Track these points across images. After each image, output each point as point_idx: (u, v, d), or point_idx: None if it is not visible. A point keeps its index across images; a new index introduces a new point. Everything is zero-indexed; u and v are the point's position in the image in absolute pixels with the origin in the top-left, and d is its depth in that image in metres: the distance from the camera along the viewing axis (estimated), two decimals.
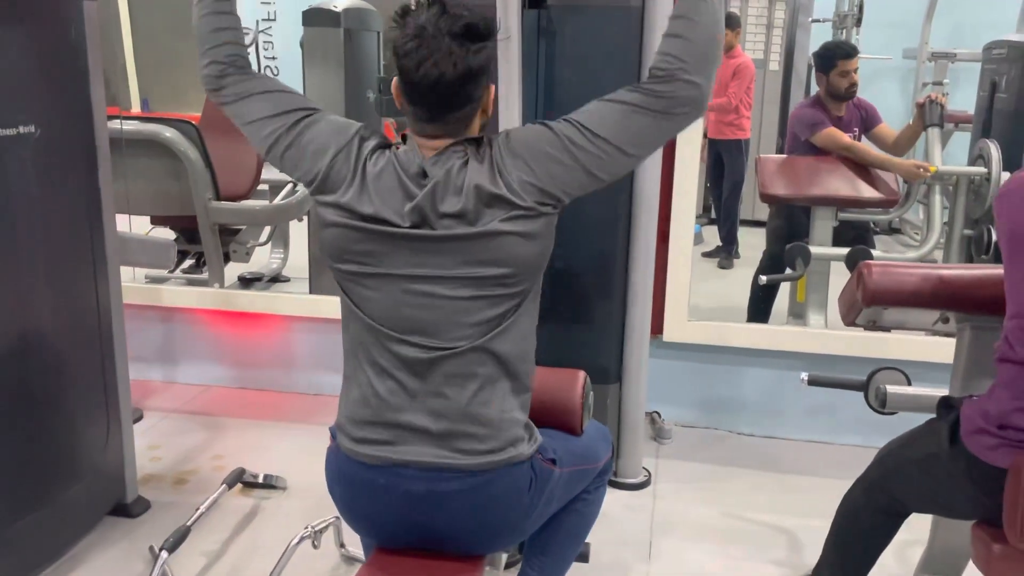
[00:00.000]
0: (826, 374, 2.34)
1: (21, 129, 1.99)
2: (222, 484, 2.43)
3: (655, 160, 2.42)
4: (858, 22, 5.78)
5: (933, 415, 1.64)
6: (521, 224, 1.36)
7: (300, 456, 2.79)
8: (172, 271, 3.84)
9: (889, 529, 1.74)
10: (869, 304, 1.67)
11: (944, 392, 1.91)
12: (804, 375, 2.31)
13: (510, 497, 1.45)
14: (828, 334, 2.92)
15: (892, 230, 5.33)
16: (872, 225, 3.80)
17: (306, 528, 2.13)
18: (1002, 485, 1.40)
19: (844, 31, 5.83)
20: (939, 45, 6.03)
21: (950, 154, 5.54)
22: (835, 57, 3.45)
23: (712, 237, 5.00)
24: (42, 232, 2.10)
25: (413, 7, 1.36)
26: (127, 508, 2.44)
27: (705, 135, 5.31)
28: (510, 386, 1.43)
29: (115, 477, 2.43)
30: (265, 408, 3.21)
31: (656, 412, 3.02)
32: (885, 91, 6.28)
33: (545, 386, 1.64)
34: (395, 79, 1.39)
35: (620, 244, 2.48)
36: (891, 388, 1.95)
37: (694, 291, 2.92)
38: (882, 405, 1.98)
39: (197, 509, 2.29)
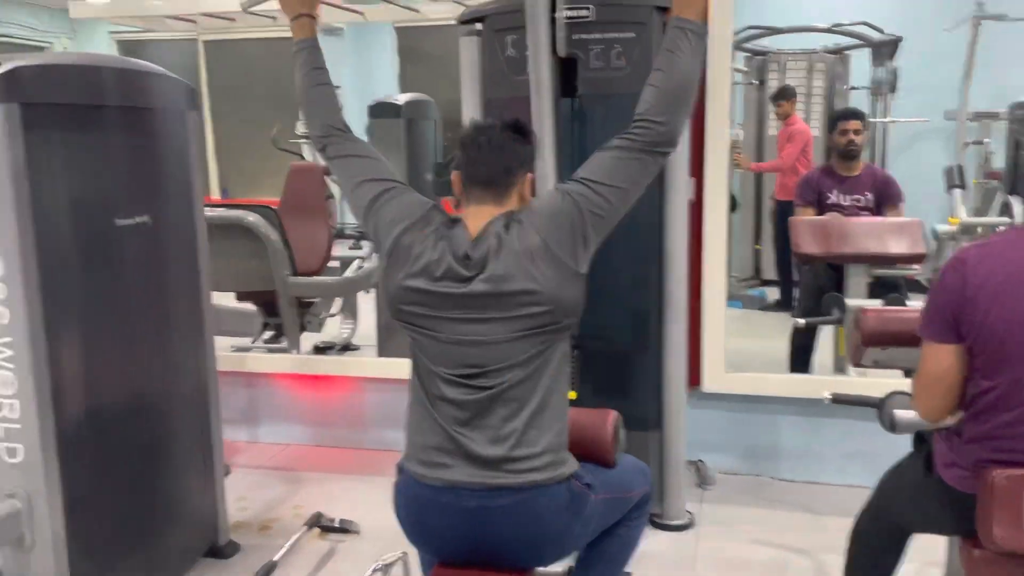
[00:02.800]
0: (848, 393, 2.52)
1: (137, 219, 2.38)
2: (303, 525, 2.72)
3: (680, 224, 2.68)
4: (892, 88, 6.01)
5: None
6: (558, 271, 1.65)
7: (371, 504, 3.05)
8: (255, 341, 4.22)
9: (897, 549, 1.91)
10: (867, 344, 1.89)
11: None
12: (827, 393, 2.51)
13: (551, 513, 1.70)
14: (857, 381, 3.08)
15: (924, 287, 5.44)
16: (904, 282, 3.97)
17: (377, 563, 2.38)
18: (974, 505, 1.60)
19: (880, 97, 6.06)
20: (983, 106, 6.16)
21: (994, 211, 5.65)
22: (837, 119, 3.79)
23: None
24: (153, 306, 2.47)
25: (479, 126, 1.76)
26: (220, 550, 2.74)
27: (773, 196, 5.62)
28: (551, 413, 1.70)
29: (210, 523, 2.74)
30: (339, 463, 3.51)
31: (700, 460, 3.21)
32: (926, 152, 6.42)
33: (579, 424, 1.89)
34: (455, 173, 1.76)
35: (654, 302, 2.74)
36: (899, 412, 2.15)
37: (759, 344, 3.12)
38: (891, 427, 2.17)
39: (282, 547, 2.57)
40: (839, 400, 2.56)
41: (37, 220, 2.04)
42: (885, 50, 5.95)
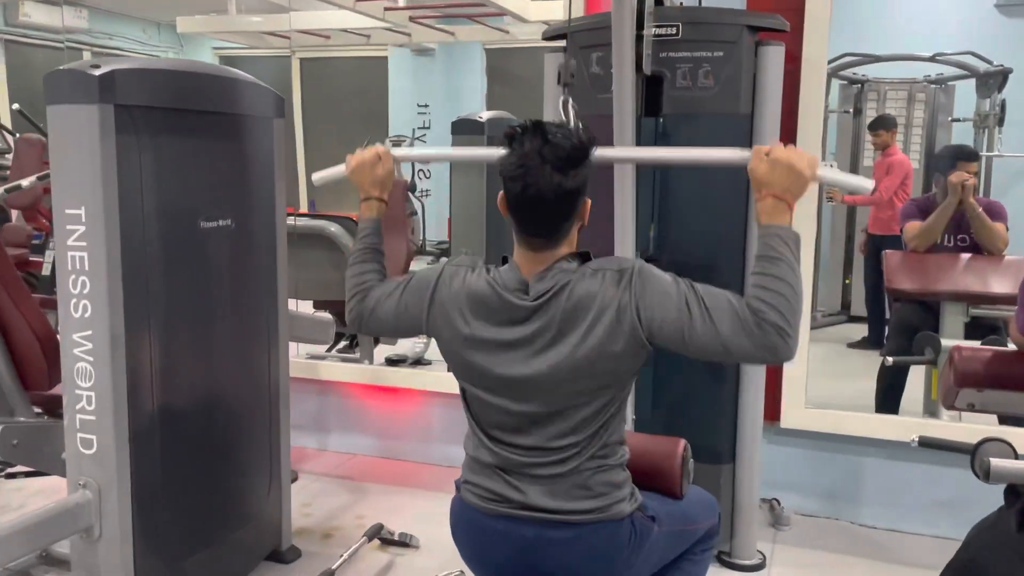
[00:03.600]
0: (938, 437, 2.36)
1: (221, 222, 2.43)
2: (363, 536, 2.71)
3: None
4: (1000, 121, 5.73)
5: None
6: (627, 345, 1.54)
7: (432, 519, 3.03)
8: (329, 350, 4.27)
9: None
10: (961, 385, 1.76)
11: None
12: (915, 436, 2.36)
13: (611, 548, 1.64)
14: (948, 426, 2.90)
15: None
16: (1003, 323, 3.74)
17: None
18: None
19: (986, 130, 5.78)
20: None
21: None
22: (955, 157, 3.57)
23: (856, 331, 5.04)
24: (232, 308, 2.51)
25: (519, 131, 1.54)
26: (282, 555, 2.75)
27: (866, 230, 5.43)
28: (609, 463, 1.64)
29: (274, 526, 2.76)
30: (403, 476, 3.50)
31: (775, 499, 3.08)
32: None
33: (646, 452, 1.82)
34: (501, 193, 1.59)
35: None
36: (995, 461, 2.00)
37: (843, 383, 2.97)
38: (986, 477, 2.02)
39: (341, 555, 2.56)
40: (927, 444, 2.41)
41: (124, 218, 2.09)
42: (992, 81, 5.68)
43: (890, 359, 3.37)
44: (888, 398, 3.60)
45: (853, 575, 2.71)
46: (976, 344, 3.43)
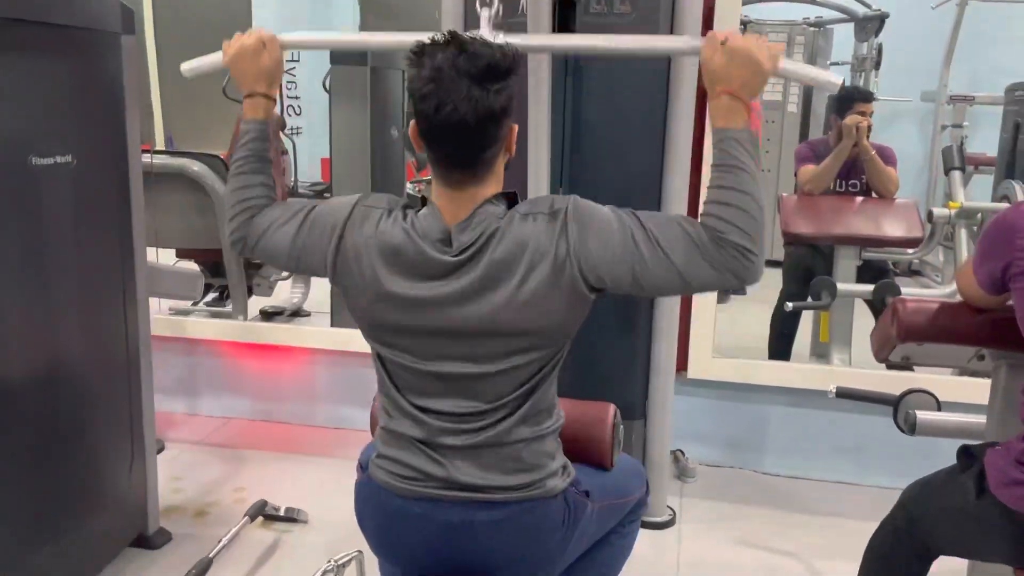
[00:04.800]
0: (855, 387, 2.31)
1: (58, 159, 2.02)
2: (244, 516, 2.42)
3: (682, 191, 2.41)
4: (877, 65, 5.82)
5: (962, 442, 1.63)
6: (567, 300, 1.33)
7: (321, 490, 2.78)
8: (197, 303, 3.87)
9: (920, 571, 1.70)
10: (904, 340, 1.65)
11: (973, 419, 1.90)
12: (832, 387, 2.30)
13: (544, 529, 1.44)
14: (855, 372, 2.89)
15: (912, 272, 5.31)
16: (892, 266, 3.79)
17: (329, 562, 2.10)
18: None
19: (863, 74, 5.87)
20: (958, 89, 6.08)
21: (970, 197, 5.54)
22: (852, 100, 3.50)
23: None
24: (74, 260, 2.13)
25: (429, 44, 1.30)
26: (148, 540, 2.43)
27: None
28: (544, 429, 1.44)
29: (137, 508, 2.42)
30: (286, 441, 3.20)
31: (680, 450, 2.99)
32: (904, 133, 6.30)
33: (573, 419, 1.63)
34: (412, 122, 1.34)
35: None
36: (922, 414, 1.94)
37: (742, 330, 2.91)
38: (912, 430, 1.96)
39: (219, 541, 2.27)
40: (845, 395, 2.37)
41: None
42: (870, 25, 5.75)
43: (790, 304, 3.32)
44: (781, 344, 3.59)
45: (761, 525, 2.66)
46: (914, 293, 3.46)
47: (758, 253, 1.29)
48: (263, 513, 2.51)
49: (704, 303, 2.81)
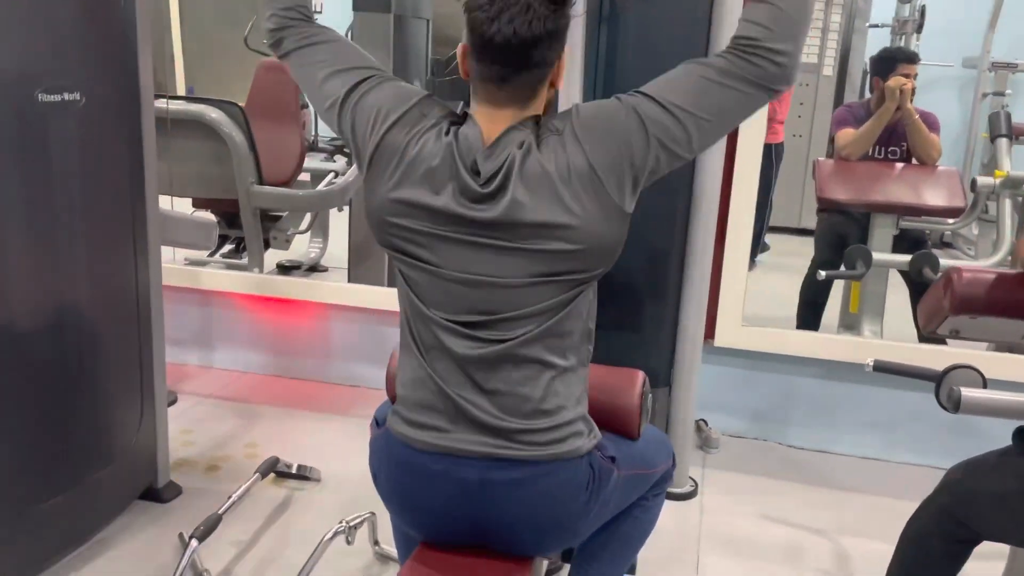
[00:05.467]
0: (894, 361, 2.20)
1: (66, 96, 1.94)
2: (255, 473, 2.36)
3: (718, 153, 2.31)
4: (919, 28, 5.59)
5: (1014, 423, 1.51)
6: (600, 204, 1.27)
7: (335, 448, 2.72)
8: (212, 255, 3.80)
9: (960, 556, 1.61)
10: (957, 312, 1.55)
11: (1022, 397, 1.79)
12: (870, 360, 2.19)
13: (567, 492, 1.36)
14: (888, 345, 2.77)
15: (944, 244, 5.15)
16: (928, 235, 3.65)
17: (340, 523, 2.05)
18: None
19: (904, 37, 5.65)
20: (1000, 55, 5.87)
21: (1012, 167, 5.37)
22: (896, 60, 3.34)
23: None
24: (82, 204, 2.05)
25: None
26: (158, 493, 2.38)
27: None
28: (576, 377, 1.36)
29: (147, 461, 2.37)
30: (301, 397, 3.14)
31: (703, 420, 2.90)
32: (943, 100, 6.10)
33: (601, 386, 1.54)
34: (462, 44, 1.31)
35: (677, 243, 2.37)
36: (967, 391, 1.83)
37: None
38: (955, 407, 1.85)
39: (229, 497, 2.22)
40: (883, 368, 2.23)
41: None
42: None
43: (823, 273, 3.20)
44: (810, 314, 3.47)
45: (784, 499, 2.58)
46: (973, 264, 3.32)
47: (791, 54, 1.26)
48: (275, 470, 2.46)
49: (734, 269, 2.70)
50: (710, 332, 2.73)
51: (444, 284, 1.31)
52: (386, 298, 3.00)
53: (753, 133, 2.58)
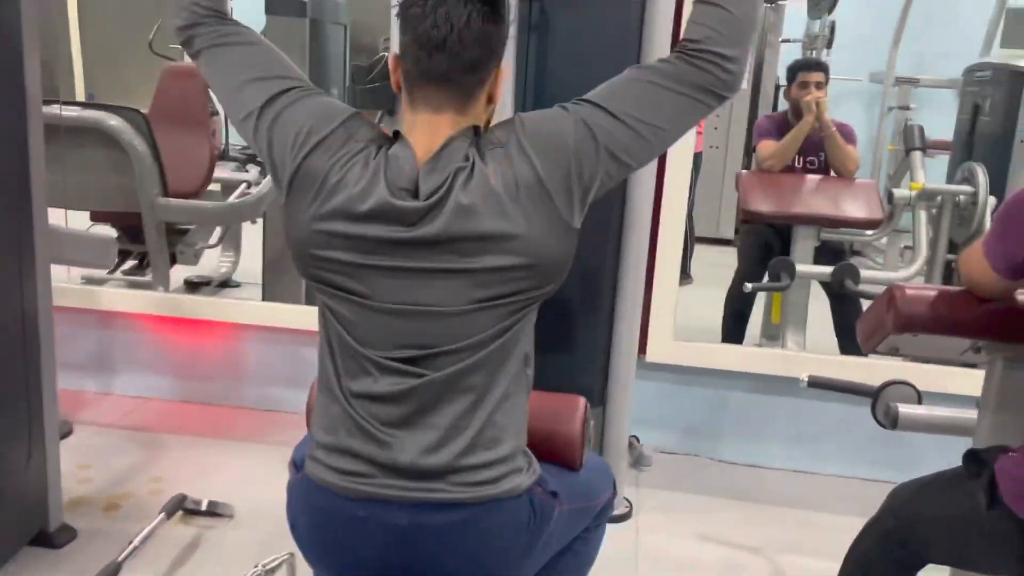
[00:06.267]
0: (829, 376, 2.18)
1: None
2: (160, 512, 2.17)
3: (650, 165, 2.25)
4: (829, 43, 5.75)
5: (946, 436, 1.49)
6: (548, 217, 1.18)
7: (249, 480, 2.54)
8: (112, 272, 3.55)
9: None
10: (901, 330, 1.51)
11: (960, 413, 1.78)
12: (805, 376, 2.17)
13: (506, 535, 1.25)
14: (820, 359, 2.77)
15: (853, 252, 5.28)
16: (847, 247, 3.70)
17: (256, 567, 1.89)
18: None
19: (814, 51, 5.79)
20: (903, 71, 6.10)
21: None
22: (796, 69, 3.40)
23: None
24: None
25: None
26: (50, 538, 2.16)
27: None
28: (515, 406, 1.25)
29: (37, 501, 2.15)
30: (211, 424, 2.94)
31: (635, 436, 2.84)
32: (851, 113, 6.26)
33: (539, 414, 1.44)
34: (392, 53, 1.22)
35: (610, 257, 2.30)
36: (904, 408, 1.81)
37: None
38: (893, 424, 1.83)
39: (130, 542, 2.02)
40: (818, 384, 2.22)
41: None
42: (824, 3, 5.67)
43: (749, 285, 3.19)
44: (736, 326, 3.47)
45: (720, 517, 2.53)
46: (914, 282, 3.35)
47: (739, 59, 1.22)
48: (183, 507, 2.27)
49: (665, 282, 2.65)
50: (642, 347, 2.67)
51: (376, 317, 1.19)
52: (303, 316, 2.84)
53: (684, 146, 2.53)
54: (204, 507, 2.30)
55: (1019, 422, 1.58)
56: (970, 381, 2.42)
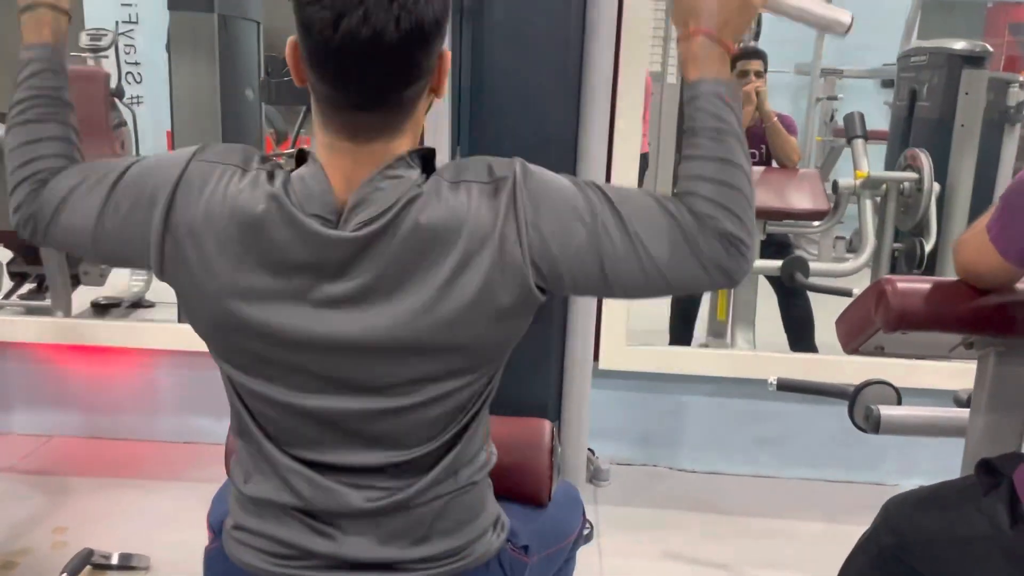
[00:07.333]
0: (799, 379, 2.05)
1: None
2: (63, 572, 1.90)
3: (598, 167, 2.07)
4: (756, 36, 5.71)
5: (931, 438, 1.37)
6: (515, 298, 0.94)
7: (166, 524, 2.27)
8: (7, 297, 3.23)
9: None
10: (893, 328, 1.36)
11: (945, 413, 1.66)
12: (773, 379, 2.02)
13: None
14: (791, 358, 2.67)
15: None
16: (791, 239, 3.62)
17: None
18: None
19: (739, 44, 5.76)
20: (828, 63, 6.17)
21: (839, 170, 5.59)
22: (734, 58, 3.29)
23: None
24: None
25: None
26: None
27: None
28: (472, 477, 1.06)
29: None
30: (122, 462, 2.65)
31: (590, 449, 2.67)
32: (779, 105, 6.24)
33: (499, 443, 1.25)
34: (291, 39, 0.91)
35: None
36: (886, 410, 1.68)
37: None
38: (875, 428, 1.70)
39: None
40: (788, 387, 2.09)
41: None
42: None
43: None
44: (683, 326, 3.35)
45: (684, 531, 2.37)
46: (904, 274, 3.25)
47: (751, 246, 0.96)
48: (90, 562, 1.99)
49: None
50: (594, 354, 2.50)
51: (291, 420, 0.99)
52: None
53: (629, 147, 2.37)
54: (115, 560, 2.03)
55: (1015, 421, 1.46)
56: (938, 376, 2.34)
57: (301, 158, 0.95)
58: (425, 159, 0.96)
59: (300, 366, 0.95)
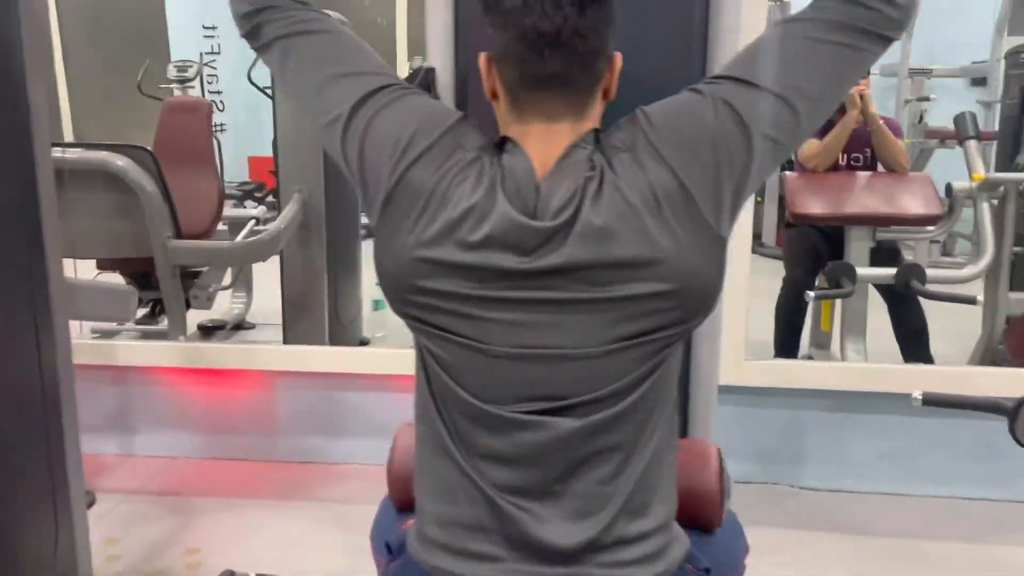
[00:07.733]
0: (947, 393, 1.96)
1: None
2: None
3: None
4: None
5: None
6: (694, 231, 0.96)
7: (294, 543, 2.30)
8: (124, 322, 3.33)
9: None
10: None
11: None
12: (918, 394, 1.95)
13: None
14: (921, 370, 2.57)
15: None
16: (901, 247, 3.51)
17: None
18: None
19: None
20: (916, 62, 6.00)
21: (933, 172, 5.40)
22: None
23: None
24: None
25: None
26: None
27: None
28: (666, 466, 1.05)
29: None
30: (245, 483, 2.70)
31: None
32: None
33: None
34: (484, 54, 1.01)
35: None
36: None
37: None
38: None
39: None
40: (934, 402, 2.00)
41: None
42: None
43: (811, 294, 2.98)
44: (790, 337, 3.27)
45: (813, 552, 2.31)
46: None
47: None
48: None
49: (736, 297, 2.43)
50: None
51: (494, 365, 0.98)
52: (333, 359, 2.63)
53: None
54: None
55: None
56: None
57: (504, 141, 1.01)
58: (598, 137, 1.01)
59: (492, 318, 0.98)
